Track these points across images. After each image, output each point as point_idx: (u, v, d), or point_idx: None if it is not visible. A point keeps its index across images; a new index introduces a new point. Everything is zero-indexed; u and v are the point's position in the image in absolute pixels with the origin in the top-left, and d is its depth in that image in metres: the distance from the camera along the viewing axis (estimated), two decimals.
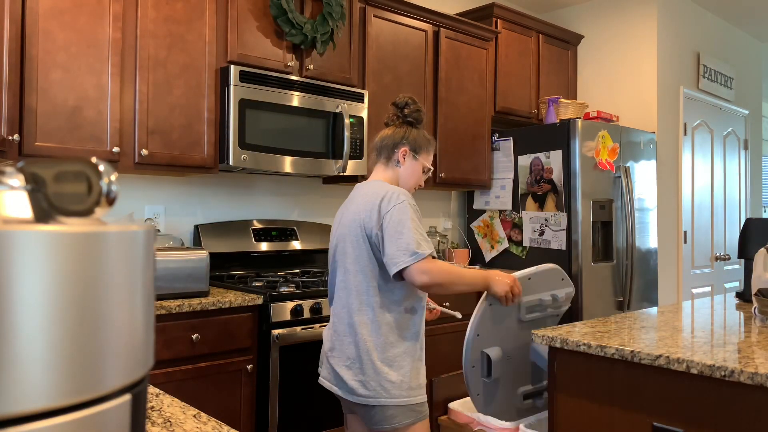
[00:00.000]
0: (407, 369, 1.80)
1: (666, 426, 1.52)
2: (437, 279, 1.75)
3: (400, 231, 1.75)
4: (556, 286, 2.11)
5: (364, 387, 1.77)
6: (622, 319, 2.02)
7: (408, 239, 1.74)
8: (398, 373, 1.78)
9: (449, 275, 1.77)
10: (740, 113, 5.48)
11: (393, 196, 1.81)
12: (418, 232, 1.77)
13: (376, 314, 1.80)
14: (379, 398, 1.77)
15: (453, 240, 4.27)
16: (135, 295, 0.54)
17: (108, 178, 0.53)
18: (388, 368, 1.77)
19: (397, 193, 1.82)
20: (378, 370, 1.77)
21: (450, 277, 1.77)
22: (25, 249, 0.45)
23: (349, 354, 1.81)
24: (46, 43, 2.28)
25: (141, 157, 2.50)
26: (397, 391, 1.77)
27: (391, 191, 1.83)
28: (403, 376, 1.79)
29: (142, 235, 0.55)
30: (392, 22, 3.47)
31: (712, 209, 5.09)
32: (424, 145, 2.00)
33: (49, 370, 0.46)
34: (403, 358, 1.80)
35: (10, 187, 0.49)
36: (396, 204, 1.79)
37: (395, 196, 1.81)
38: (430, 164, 2.01)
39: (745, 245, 2.48)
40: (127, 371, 0.52)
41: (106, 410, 0.51)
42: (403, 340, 1.82)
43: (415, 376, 1.82)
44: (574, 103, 4.01)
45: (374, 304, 1.80)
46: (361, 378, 1.79)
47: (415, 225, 1.78)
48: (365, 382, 1.78)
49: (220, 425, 0.99)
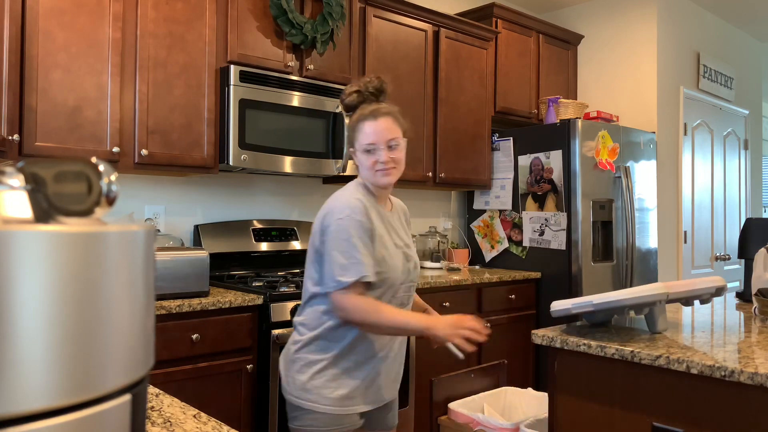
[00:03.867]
0: (324, 377, 1.68)
1: (666, 426, 1.52)
2: (353, 317, 1.61)
3: (330, 252, 1.64)
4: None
5: (284, 380, 1.75)
6: (622, 318, 2.02)
7: (332, 264, 1.62)
8: (305, 375, 1.69)
9: (367, 316, 1.58)
10: (740, 113, 5.48)
11: (336, 210, 1.67)
12: (349, 254, 1.62)
13: (306, 318, 1.74)
14: (287, 393, 1.73)
15: (453, 240, 4.27)
16: (135, 295, 0.54)
17: (108, 178, 0.53)
18: (300, 366, 1.71)
19: (341, 207, 1.67)
20: (292, 362, 1.73)
21: (369, 319, 1.59)
22: (25, 249, 0.45)
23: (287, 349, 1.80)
24: (46, 43, 2.28)
25: (141, 157, 2.50)
26: (300, 392, 1.69)
27: (337, 205, 1.69)
28: (312, 379, 1.69)
29: (142, 235, 0.55)
30: (392, 22, 3.47)
31: (712, 209, 5.09)
32: (353, 130, 1.77)
33: (50, 370, 0.46)
34: (318, 365, 1.69)
35: (10, 187, 0.49)
36: (335, 220, 1.66)
37: (338, 211, 1.67)
38: (367, 142, 1.72)
39: (745, 245, 2.48)
40: (127, 371, 0.52)
41: (106, 410, 0.51)
42: (325, 351, 1.70)
43: (333, 388, 1.69)
44: (574, 103, 4.01)
45: (308, 309, 1.75)
46: (284, 369, 1.76)
47: (346, 247, 1.62)
48: (285, 375, 1.75)
49: (220, 425, 0.99)
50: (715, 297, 1.90)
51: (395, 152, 1.74)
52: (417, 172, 3.58)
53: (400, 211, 1.93)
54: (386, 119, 1.73)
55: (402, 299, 1.81)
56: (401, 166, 1.78)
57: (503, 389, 2.69)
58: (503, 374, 2.81)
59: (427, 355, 3.16)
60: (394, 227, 1.82)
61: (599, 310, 1.74)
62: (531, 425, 2.22)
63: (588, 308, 1.75)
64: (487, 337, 1.67)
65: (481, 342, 1.65)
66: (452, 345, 1.67)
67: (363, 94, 1.78)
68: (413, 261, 1.84)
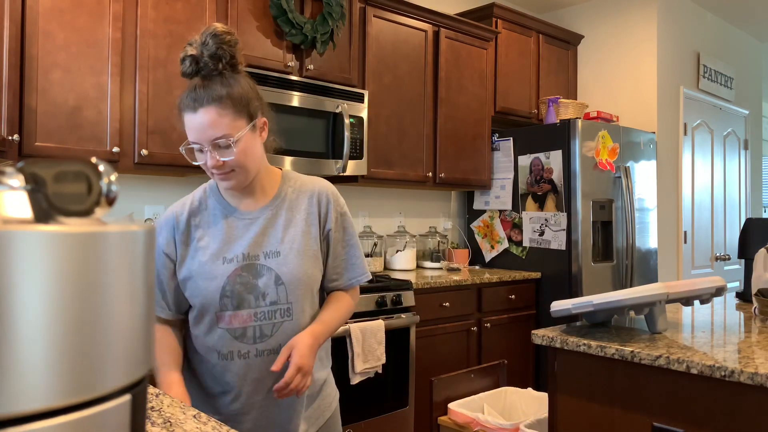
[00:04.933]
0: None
1: (666, 426, 1.52)
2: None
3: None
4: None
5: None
6: (622, 319, 2.02)
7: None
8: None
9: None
10: (740, 113, 5.48)
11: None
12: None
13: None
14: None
15: (453, 240, 4.27)
16: (135, 295, 0.54)
17: (108, 178, 0.53)
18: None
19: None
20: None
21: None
22: (25, 249, 0.45)
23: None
24: (46, 43, 2.28)
25: (141, 157, 2.50)
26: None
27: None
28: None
29: (142, 235, 0.55)
30: (392, 22, 3.47)
31: (712, 209, 5.09)
32: (177, 108, 1.36)
33: (49, 370, 0.46)
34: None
35: (10, 187, 0.49)
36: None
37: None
38: (189, 138, 1.34)
39: (745, 245, 2.48)
40: (127, 371, 0.52)
41: (106, 410, 0.51)
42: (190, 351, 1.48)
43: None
44: (574, 103, 4.01)
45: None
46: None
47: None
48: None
49: (219, 425, 0.98)
50: (715, 297, 1.90)
51: (226, 152, 1.31)
52: (417, 172, 3.58)
53: (300, 200, 1.45)
54: (209, 111, 1.28)
55: (246, 330, 1.37)
56: (249, 165, 1.35)
57: (503, 389, 2.69)
58: (503, 374, 2.81)
59: (427, 355, 3.17)
60: (249, 231, 1.39)
61: (599, 310, 1.74)
62: (531, 425, 2.22)
63: (588, 308, 1.75)
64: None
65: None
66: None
67: (199, 61, 1.30)
68: (280, 273, 1.37)
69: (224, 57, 1.31)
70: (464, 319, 3.36)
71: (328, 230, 1.46)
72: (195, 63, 1.30)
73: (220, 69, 1.31)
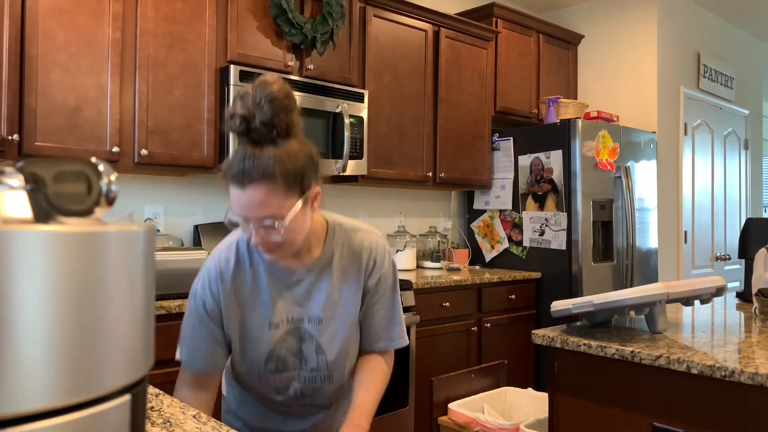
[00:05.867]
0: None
1: (666, 426, 1.52)
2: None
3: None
4: None
5: None
6: (622, 318, 2.02)
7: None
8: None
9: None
10: (740, 113, 5.48)
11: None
12: (182, 332, 1.38)
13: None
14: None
15: (453, 240, 4.27)
16: (135, 295, 0.54)
17: (108, 178, 0.53)
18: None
19: (203, 266, 1.41)
20: None
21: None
22: (25, 249, 0.45)
23: None
24: (46, 43, 2.28)
25: (141, 157, 2.50)
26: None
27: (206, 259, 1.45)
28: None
29: (142, 235, 0.55)
30: (392, 22, 3.46)
31: (712, 209, 5.09)
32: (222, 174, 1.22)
33: (49, 370, 0.46)
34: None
35: (10, 187, 0.49)
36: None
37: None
38: (235, 210, 1.21)
39: (746, 245, 2.48)
40: (127, 371, 0.52)
41: (106, 410, 0.51)
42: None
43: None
44: (574, 103, 4.01)
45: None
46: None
47: (184, 325, 1.38)
48: None
49: (219, 425, 0.98)
50: (715, 297, 1.90)
51: (275, 232, 1.20)
52: (417, 172, 3.58)
53: (346, 261, 1.38)
54: (258, 189, 1.15)
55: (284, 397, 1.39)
56: (297, 240, 1.25)
57: (503, 389, 2.69)
58: (503, 374, 2.81)
59: (427, 355, 3.16)
60: (293, 293, 1.35)
61: (599, 310, 1.74)
62: (531, 425, 2.22)
63: (588, 308, 1.75)
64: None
65: None
66: None
67: (250, 123, 1.16)
68: (321, 341, 1.36)
69: (280, 126, 1.17)
70: (464, 319, 3.36)
71: (369, 290, 1.41)
72: (245, 123, 1.16)
73: (273, 137, 1.17)
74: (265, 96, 1.14)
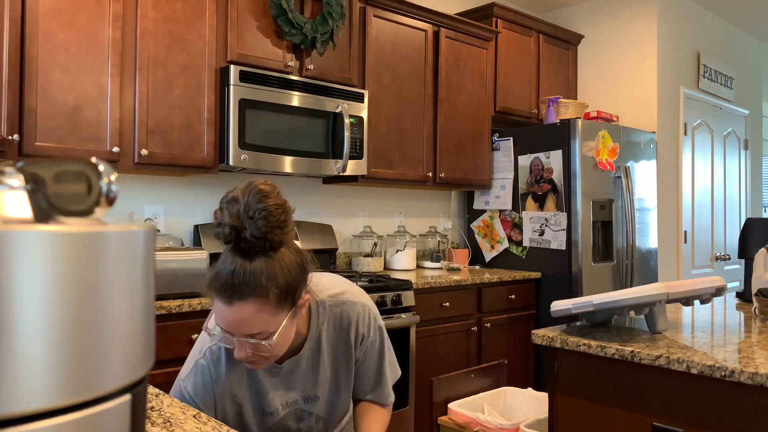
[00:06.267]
0: None
1: (666, 426, 1.52)
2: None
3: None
4: None
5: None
6: (622, 319, 2.02)
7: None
8: None
9: None
10: (740, 113, 5.48)
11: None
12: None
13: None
14: None
15: (453, 240, 4.27)
16: (135, 295, 0.54)
17: (108, 178, 0.53)
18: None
19: (186, 365, 1.33)
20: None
21: None
22: (25, 249, 0.45)
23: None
24: (46, 43, 2.28)
25: (141, 157, 2.50)
26: None
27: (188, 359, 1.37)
28: None
29: (142, 235, 0.55)
30: (392, 22, 3.47)
31: (712, 209, 5.09)
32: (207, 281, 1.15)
33: (49, 370, 0.46)
34: None
35: (10, 187, 0.49)
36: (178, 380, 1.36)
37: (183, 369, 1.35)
38: (219, 324, 1.14)
39: (745, 245, 2.48)
40: (127, 371, 0.52)
41: (106, 410, 0.51)
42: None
43: None
44: (574, 103, 4.01)
45: None
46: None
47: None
48: None
49: (219, 425, 0.98)
50: (715, 297, 1.90)
51: (260, 346, 1.13)
52: (417, 172, 3.58)
53: (333, 337, 1.34)
54: (247, 306, 1.09)
55: None
56: (278, 353, 1.18)
57: (503, 389, 2.69)
58: (503, 374, 2.81)
59: (427, 355, 3.16)
60: (287, 381, 1.31)
61: (599, 310, 1.74)
62: (531, 425, 2.22)
63: (588, 308, 1.75)
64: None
65: None
66: None
67: (240, 233, 1.07)
68: (320, 413, 1.36)
69: (273, 240, 1.08)
70: (464, 319, 3.36)
71: (358, 359, 1.40)
72: (235, 233, 1.07)
73: (266, 249, 1.09)
74: (259, 210, 1.05)
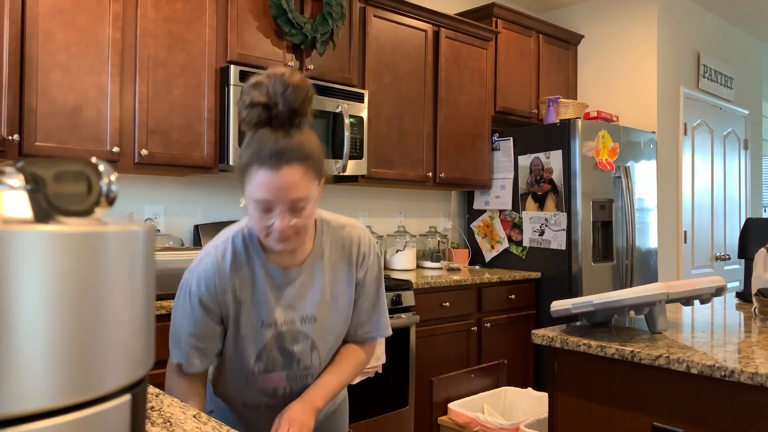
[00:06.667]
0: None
1: (666, 426, 1.52)
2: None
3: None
4: None
5: None
6: (622, 319, 2.02)
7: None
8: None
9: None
10: (740, 113, 5.48)
11: (188, 269, 1.35)
12: (174, 332, 1.34)
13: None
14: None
15: (453, 240, 4.27)
16: (135, 295, 0.54)
17: (108, 178, 0.53)
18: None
19: (191, 267, 1.35)
20: None
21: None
22: (26, 249, 0.45)
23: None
24: (46, 43, 2.28)
25: (141, 157, 2.50)
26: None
27: (192, 264, 1.35)
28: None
29: (142, 235, 0.55)
30: (392, 22, 3.47)
31: (712, 209, 5.09)
32: (242, 171, 1.20)
33: (49, 370, 0.46)
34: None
35: (10, 187, 0.49)
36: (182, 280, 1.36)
37: (187, 271, 1.35)
38: (260, 197, 1.17)
39: (745, 245, 2.48)
40: (127, 371, 0.52)
41: (106, 410, 0.51)
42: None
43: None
44: (574, 103, 4.01)
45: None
46: None
47: (176, 325, 1.33)
48: None
49: (219, 425, 0.98)
50: (715, 297, 1.90)
51: (299, 216, 1.19)
52: (417, 172, 3.58)
53: (336, 254, 1.38)
54: (295, 170, 1.16)
55: (271, 399, 1.39)
56: (309, 227, 1.25)
57: (503, 389, 2.69)
58: (503, 374, 2.81)
59: (427, 355, 3.16)
60: (287, 294, 1.33)
61: (599, 310, 1.74)
62: (531, 425, 2.22)
63: (588, 308, 1.75)
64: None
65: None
66: None
67: (271, 111, 1.16)
68: (315, 339, 1.36)
69: (304, 113, 1.19)
70: (464, 319, 3.36)
71: (359, 282, 1.42)
72: (267, 111, 1.16)
73: (297, 123, 1.19)
74: (291, 84, 1.15)
